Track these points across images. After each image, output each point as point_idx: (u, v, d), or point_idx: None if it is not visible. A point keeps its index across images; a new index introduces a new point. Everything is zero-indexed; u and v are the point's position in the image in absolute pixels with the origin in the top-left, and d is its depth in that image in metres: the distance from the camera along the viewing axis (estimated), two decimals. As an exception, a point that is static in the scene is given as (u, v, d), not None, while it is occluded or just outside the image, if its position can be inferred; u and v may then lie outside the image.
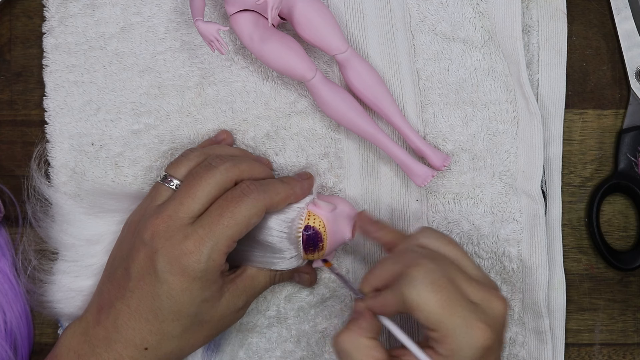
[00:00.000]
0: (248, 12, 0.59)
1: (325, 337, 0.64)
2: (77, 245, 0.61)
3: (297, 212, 0.58)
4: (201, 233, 0.53)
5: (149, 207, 0.57)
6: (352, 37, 0.63)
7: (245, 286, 0.57)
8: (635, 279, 0.65)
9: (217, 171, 0.55)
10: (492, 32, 0.63)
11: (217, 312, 0.56)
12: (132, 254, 0.55)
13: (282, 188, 0.57)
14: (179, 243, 0.53)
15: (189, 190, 0.55)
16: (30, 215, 0.63)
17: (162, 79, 0.64)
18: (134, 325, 0.54)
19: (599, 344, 0.65)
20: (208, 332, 0.57)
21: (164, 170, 0.58)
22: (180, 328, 0.55)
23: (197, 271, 0.53)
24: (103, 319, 0.55)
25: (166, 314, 0.54)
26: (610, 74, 0.65)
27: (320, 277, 0.64)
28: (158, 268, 0.53)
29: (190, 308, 0.54)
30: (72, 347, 0.56)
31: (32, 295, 0.63)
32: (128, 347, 0.54)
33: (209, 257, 0.53)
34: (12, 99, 0.66)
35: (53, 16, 0.64)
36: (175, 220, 0.54)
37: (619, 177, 0.64)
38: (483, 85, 0.62)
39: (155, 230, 0.54)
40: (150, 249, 0.54)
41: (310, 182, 0.60)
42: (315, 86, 0.60)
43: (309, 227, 0.57)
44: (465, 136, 0.63)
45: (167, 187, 0.57)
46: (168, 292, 0.53)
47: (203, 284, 0.54)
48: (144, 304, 0.54)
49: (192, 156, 0.58)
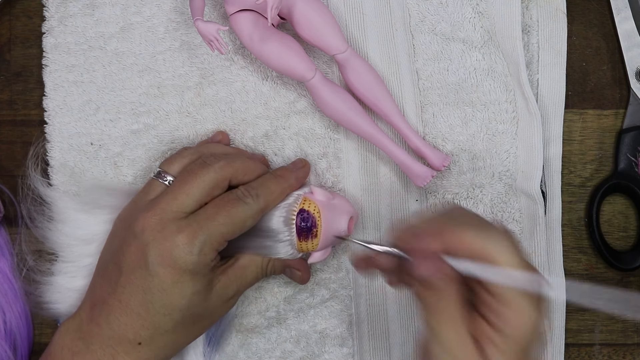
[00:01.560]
0: (248, 11, 0.59)
1: (324, 338, 0.64)
2: (72, 245, 0.61)
3: (294, 198, 0.58)
4: (195, 227, 0.53)
5: (141, 201, 0.57)
6: (352, 37, 0.63)
7: (237, 276, 0.57)
8: (635, 279, 0.65)
9: (212, 169, 0.55)
10: (492, 32, 0.62)
11: (208, 305, 0.56)
12: (122, 248, 0.55)
13: (276, 186, 0.57)
14: (171, 235, 0.53)
15: (182, 186, 0.55)
16: (26, 215, 0.63)
17: (162, 79, 0.64)
18: (126, 321, 0.54)
19: (599, 344, 0.65)
20: (200, 324, 0.57)
21: (158, 167, 0.58)
22: (172, 322, 0.55)
23: (188, 263, 0.53)
24: (96, 316, 0.55)
25: (157, 307, 0.54)
26: (610, 74, 0.65)
27: (321, 277, 0.64)
28: (149, 261, 0.53)
29: (182, 301, 0.54)
30: (65, 344, 0.56)
31: (30, 296, 0.63)
32: (122, 343, 0.54)
33: (201, 250, 0.53)
34: (11, 98, 0.66)
35: (53, 16, 0.64)
36: (167, 214, 0.54)
37: (619, 177, 0.64)
38: (483, 86, 0.62)
39: (146, 224, 0.54)
40: (141, 242, 0.54)
41: (305, 170, 0.61)
42: (315, 86, 0.60)
43: (304, 210, 0.58)
44: (465, 136, 0.63)
45: (160, 182, 0.57)
46: (159, 285, 0.53)
47: (193, 277, 0.54)
48: (135, 298, 0.54)
49: (186, 154, 0.58)
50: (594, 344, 0.65)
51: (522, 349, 0.46)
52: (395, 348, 0.64)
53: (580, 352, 0.65)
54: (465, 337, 0.46)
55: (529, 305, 0.46)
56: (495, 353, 0.46)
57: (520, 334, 0.46)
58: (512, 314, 0.46)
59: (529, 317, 0.46)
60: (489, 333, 0.46)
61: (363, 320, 0.63)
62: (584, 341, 0.65)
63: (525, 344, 0.46)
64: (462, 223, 0.47)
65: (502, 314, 0.46)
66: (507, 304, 0.46)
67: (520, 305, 0.46)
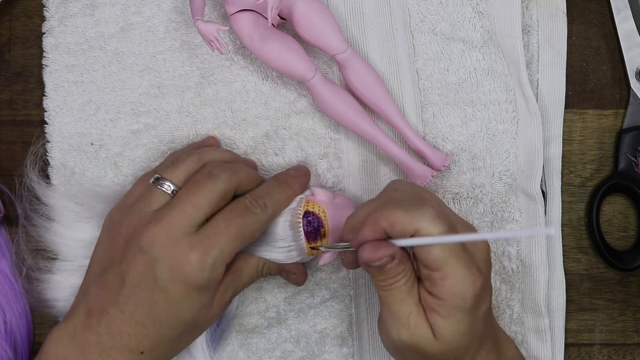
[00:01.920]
0: (248, 11, 0.59)
1: (324, 337, 0.64)
2: (70, 246, 0.62)
3: (297, 202, 0.58)
4: (206, 243, 0.53)
5: (143, 211, 0.55)
6: (352, 37, 0.63)
7: (233, 280, 0.57)
8: (635, 279, 0.65)
9: (219, 180, 0.55)
10: (492, 32, 0.62)
11: (210, 314, 0.56)
12: (126, 260, 0.54)
13: (281, 194, 0.57)
14: (182, 252, 0.52)
15: (191, 199, 0.54)
16: (22, 214, 0.63)
17: (162, 79, 0.64)
18: (129, 331, 0.53)
19: (599, 344, 0.65)
20: (200, 330, 0.58)
21: (158, 173, 0.57)
22: (176, 333, 0.55)
23: (199, 280, 0.53)
24: (94, 324, 0.54)
25: (164, 320, 0.54)
26: (610, 74, 0.65)
27: (321, 277, 0.64)
28: (158, 276, 0.53)
29: (188, 314, 0.54)
30: (59, 353, 0.54)
31: (31, 294, 0.63)
32: (123, 352, 0.54)
33: (212, 267, 0.53)
34: (12, 98, 0.66)
35: (53, 16, 0.64)
36: (177, 229, 0.53)
37: (619, 177, 0.64)
38: (483, 85, 0.62)
39: (154, 238, 0.53)
40: (150, 257, 0.53)
41: (308, 177, 0.61)
42: (315, 86, 0.60)
43: (309, 212, 0.58)
44: (465, 136, 0.63)
45: (163, 191, 0.56)
46: (167, 298, 0.53)
47: (201, 291, 0.53)
48: (140, 310, 0.53)
49: (189, 161, 0.57)
50: (594, 344, 0.65)
51: (464, 311, 0.49)
52: (396, 348, 0.64)
53: (580, 352, 0.65)
54: (416, 311, 0.50)
55: (456, 266, 0.48)
56: (438, 320, 0.49)
57: (455, 297, 0.49)
58: (443, 279, 0.48)
59: (460, 278, 0.48)
60: (431, 302, 0.49)
61: (363, 320, 0.63)
62: (584, 341, 0.65)
63: (465, 305, 0.49)
64: (393, 203, 0.50)
65: (436, 281, 0.49)
66: (437, 271, 0.48)
67: (448, 268, 0.48)
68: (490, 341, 0.53)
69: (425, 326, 0.50)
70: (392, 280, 0.50)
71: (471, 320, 0.50)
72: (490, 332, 0.53)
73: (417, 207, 0.49)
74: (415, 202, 0.50)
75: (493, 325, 0.55)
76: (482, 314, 0.51)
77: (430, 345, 0.50)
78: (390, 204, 0.50)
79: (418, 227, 0.48)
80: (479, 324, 0.51)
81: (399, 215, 0.49)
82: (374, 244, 0.50)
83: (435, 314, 0.50)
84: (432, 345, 0.50)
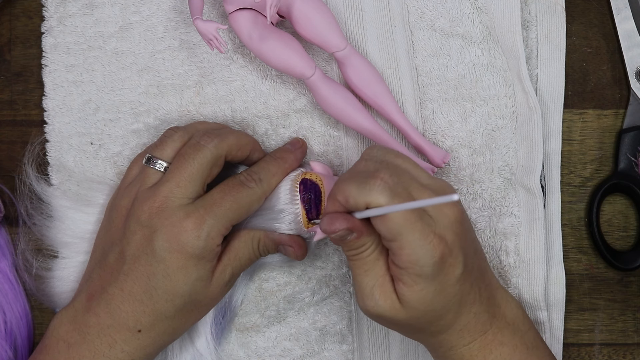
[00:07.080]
0: (247, 10, 0.59)
1: (324, 335, 0.64)
2: (70, 243, 0.62)
3: (296, 173, 0.59)
4: (202, 212, 0.54)
5: (140, 190, 0.57)
6: (351, 34, 0.63)
7: (230, 259, 0.57)
8: (635, 279, 0.65)
9: (207, 149, 0.56)
10: (491, 27, 0.63)
11: (208, 292, 0.56)
12: (126, 237, 0.55)
13: (277, 168, 0.58)
14: (179, 221, 0.54)
15: (183, 172, 0.55)
16: (23, 213, 0.63)
17: (161, 78, 0.64)
18: (127, 308, 0.55)
19: (599, 344, 0.65)
20: (199, 311, 0.58)
21: (148, 153, 0.58)
22: (173, 308, 0.55)
23: (195, 248, 0.54)
24: (94, 306, 0.55)
25: (160, 293, 0.55)
26: (610, 74, 0.65)
27: (322, 274, 0.64)
28: (156, 247, 0.54)
29: (184, 287, 0.55)
30: (61, 336, 0.56)
31: (33, 291, 0.63)
32: (121, 331, 0.55)
33: (208, 235, 0.54)
34: (12, 98, 0.66)
35: (52, 16, 0.64)
36: (173, 201, 0.54)
37: (619, 177, 0.64)
38: (482, 81, 0.62)
39: (152, 211, 0.54)
40: (149, 229, 0.54)
41: (303, 150, 0.62)
42: (315, 84, 0.60)
43: (307, 180, 0.58)
44: (464, 132, 0.63)
45: (155, 169, 0.57)
46: (164, 270, 0.54)
47: (198, 262, 0.54)
48: (139, 285, 0.55)
49: (177, 136, 0.58)
50: (594, 344, 0.65)
51: (426, 278, 0.50)
52: (395, 345, 0.63)
53: (580, 352, 0.65)
54: (382, 282, 0.52)
55: (411, 236, 0.49)
56: (403, 288, 0.51)
57: (414, 265, 0.50)
58: (400, 249, 0.50)
59: (417, 247, 0.49)
60: (396, 272, 0.51)
61: (363, 317, 0.63)
62: (584, 341, 0.65)
63: (426, 273, 0.50)
64: (350, 177, 0.52)
65: (395, 251, 0.50)
66: (394, 241, 0.50)
67: (403, 238, 0.49)
68: (480, 303, 0.54)
69: (391, 296, 0.51)
70: (354, 252, 0.52)
71: (439, 287, 0.51)
72: (478, 294, 0.54)
73: (368, 180, 0.50)
74: (368, 174, 0.51)
75: (487, 286, 0.55)
76: (455, 278, 0.51)
77: (397, 313, 0.52)
78: (346, 179, 0.51)
79: (368, 201, 0.50)
80: (452, 289, 0.51)
81: (351, 190, 0.50)
82: (330, 217, 0.52)
83: (400, 282, 0.51)
84: (399, 314, 0.52)
